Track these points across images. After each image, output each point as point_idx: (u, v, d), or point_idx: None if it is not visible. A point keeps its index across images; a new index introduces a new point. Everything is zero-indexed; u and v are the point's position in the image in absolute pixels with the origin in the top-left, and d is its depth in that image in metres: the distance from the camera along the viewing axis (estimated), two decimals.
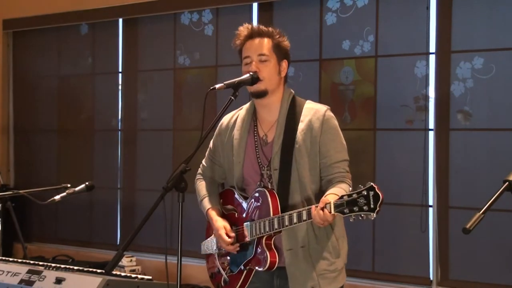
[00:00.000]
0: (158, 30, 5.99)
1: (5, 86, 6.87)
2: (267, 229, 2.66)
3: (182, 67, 5.85)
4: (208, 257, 3.02)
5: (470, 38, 4.54)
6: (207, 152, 3.05)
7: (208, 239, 2.99)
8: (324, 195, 2.58)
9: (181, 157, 5.31)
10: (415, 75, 4.71)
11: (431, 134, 4.66)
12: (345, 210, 2.39)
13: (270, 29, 2.82)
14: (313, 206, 2.51)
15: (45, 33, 6.64)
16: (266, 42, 2.78)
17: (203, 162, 3.07)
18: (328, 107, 2.81)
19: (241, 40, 2.83)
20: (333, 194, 2.54)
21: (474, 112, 4.52)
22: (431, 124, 4.67)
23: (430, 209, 4.66)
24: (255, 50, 2.77)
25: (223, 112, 2.71)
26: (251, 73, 2.75)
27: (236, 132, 2.87)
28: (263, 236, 2.70)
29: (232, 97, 2.70)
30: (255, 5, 5.42)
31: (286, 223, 2.60)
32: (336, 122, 2.78)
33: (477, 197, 4.36)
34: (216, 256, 2.92)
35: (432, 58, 4.66)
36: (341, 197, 2.42)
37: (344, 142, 2.79)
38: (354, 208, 2.37)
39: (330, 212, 2.43)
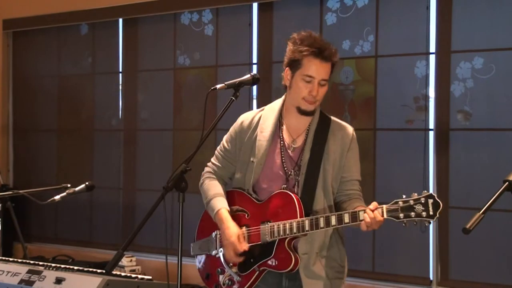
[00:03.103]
0: (158, 30, 5.99)
1: (5, 86, 6.87)
2: (294, 230, 2.67)
3: (182, 67, 5.85)
4: (201, 257, 2.99)
5: (470, 38, 4.54)
6: (218, 151, 3.01)
7: (204, 239, 2.97)
8: (356, 207, 2.67)
9: (181, 157, 5.32)
10: (415, 75, 4.71)
11: (431, 134, 4.67)
12: (400, 215, 2.54)
13: (334, 51, 2.76)
14: (365, 208, 2.58)
15: (45, 33, 6.64)
16: (329, 68, 2.76)
17: (213, 160, 3.02)
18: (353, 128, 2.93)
19: (309, 52, 2.72)
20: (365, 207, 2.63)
21: (474, 112, 4.52)
22: (431, 124, 4.67)
23: None
24: (320, 75, 2.73)
25: (224, 112, 2.71)
26: (252, 74, 2.79)
27: (260, 134, 2.85)
28: (286, 238, 2.70)
29: (233, 98, 2.71)
30: (255, 5, 5.42)
31: (321, 225, 2.62)
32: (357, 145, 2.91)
33: (477, 197, 4.36)
34: (222, 256, 2.87)
35: (432, 58, 4.66)
36: (395, 202, 2.56)
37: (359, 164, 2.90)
38: (411, 214, 2.53)
39: (382, 216, 2.54)
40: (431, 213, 2.49)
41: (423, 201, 2.51)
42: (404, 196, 2.56)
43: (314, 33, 2.79)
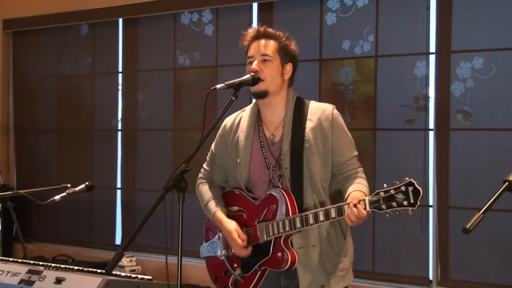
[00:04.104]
0: (158, 30, 5.99)
1: (5, 86, 6.87)
2: (287, 228, 2.67)
3: (182, 67, 5.85)
4: (209, 260, 3.00)
5: (470, 38, 4.54)
6: (208, 156, 3.05)
7: (210, 241, 2.98)
8: (347, 194, 2.61)
9: (181, 157, 5.32)
10: (415, 75, 4.71)
11: (431, 134, 4.67)
12: (382, 206, 2.45)
13: (277, 32, 2.83)
14: (350, 203, 2.50)
15: (45, 33, 6.65)
16: (271, 44, 2.79)
17: (204, 165, 3.06)
18: (334, 105, 2.83)
19: (247, 41, 2.84)
20: (357, 191, 2.59)
21: (474, 112, 4.52)
22: (431, 124, 4.67)
23: (430, 209, 4.66)
24: (258, 51, 2.79)
25: (224, 112, 2.71)
26: (252, 73, 2.76)
27: (240, 134, 2.87)
28: (281, 236, 2.70)
29: (233, 98, 2.71)
30: (255, 5, 5.42)
31: (311, 221, 2.60)
32: (342, 120, 2.82)
33: (477, 197, 4.36)
34: (225, 258, 2.89)
35: (432, 58, 4.66)
36: (377, 193, 2.46)
37: (352, 138, 2.83)
38: (393, 204, 2.43)
39: (365, 209, 2.46)
40: (412, 201, 2.41)
41: (403, 190, 2.42)
42: (385, 186, 2.47)
43: (257, 26, 2.87)
